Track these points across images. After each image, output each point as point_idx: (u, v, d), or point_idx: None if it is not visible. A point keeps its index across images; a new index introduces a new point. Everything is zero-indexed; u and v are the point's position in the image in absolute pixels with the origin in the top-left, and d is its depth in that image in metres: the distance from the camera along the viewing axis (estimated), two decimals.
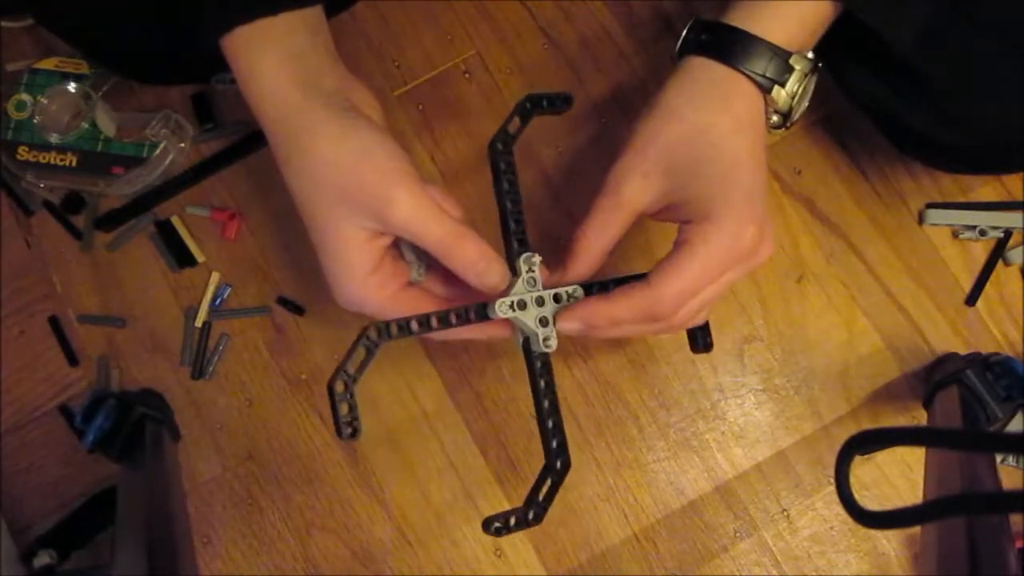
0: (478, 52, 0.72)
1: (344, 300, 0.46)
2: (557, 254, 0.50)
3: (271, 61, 0.45)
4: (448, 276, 0.50)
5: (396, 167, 0.44)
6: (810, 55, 0.48)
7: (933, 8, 0.49)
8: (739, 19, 0.47)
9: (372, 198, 0.43)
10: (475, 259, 0.46)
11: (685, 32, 0.48)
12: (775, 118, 0.49)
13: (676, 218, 0.47)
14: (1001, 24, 0.50)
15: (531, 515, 0.46)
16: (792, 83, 0.47)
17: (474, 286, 0.47)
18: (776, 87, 0.47)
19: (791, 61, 0.47)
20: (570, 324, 0.47)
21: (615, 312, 0.46)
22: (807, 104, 0.49)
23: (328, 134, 0.44)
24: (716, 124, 0.46)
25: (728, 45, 0.46)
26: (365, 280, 0.45)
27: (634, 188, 0.47)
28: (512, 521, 0.45)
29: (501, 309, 0.46)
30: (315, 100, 0.45)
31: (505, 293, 0.47)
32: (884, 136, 0.62)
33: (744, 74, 0.46)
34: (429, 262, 0.50)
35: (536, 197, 0.70)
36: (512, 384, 0.68)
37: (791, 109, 0.48)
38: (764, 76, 0.46)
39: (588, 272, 0.49)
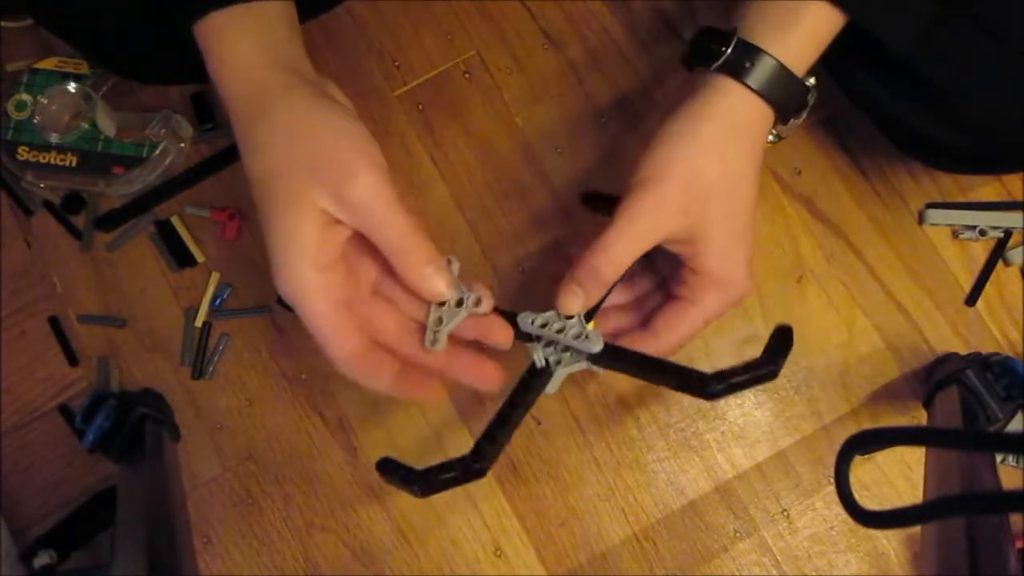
0: (478, 52, 0.72)
1: (285, 286, 0.43)
2: (557, 260, 0.50)
3: (248, 43, 0.44)
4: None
5: (369, 151, 0.43)
6: (812, 80, 0.49)
7: (933, 11, 0.49)
8: (770, 44, 0.45)
9: (339, 174, 0.42)
10: (427, 261, 0.44)
11: (729, 51, 0.46)
12: (771, 138, 0.50)
13: (682, 255, 0.47)
14: (1000, 25, 0.50)
15: (418, 490, 0.45)
16: (803, 112, 0.48)
17: (415, 288, 0.44)
18: (792, 119, 0.48)
19: (808, 96, 0.48)
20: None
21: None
22: None
23: (305, 108, 0.43)
24: (746, 169, 0.47)
25: (766, 77, 0.45)
26: (315, 273, 0.42)
27: (672, 221, 0.46)
28: (403, 480, 0.45)
29: (555, 386, 0.49)
30: (293, 80, 0.44)
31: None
32: (884, 136, 0.62)
33: (778, 111, 0.47)
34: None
35: (536, 197, 0.70)
36: (512, 385, 0.68)
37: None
38: (789, 110, 0.47)
39: (600, 295, 0.48)
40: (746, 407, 0.67)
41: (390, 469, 0.46)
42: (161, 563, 0.47)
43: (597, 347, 0.46)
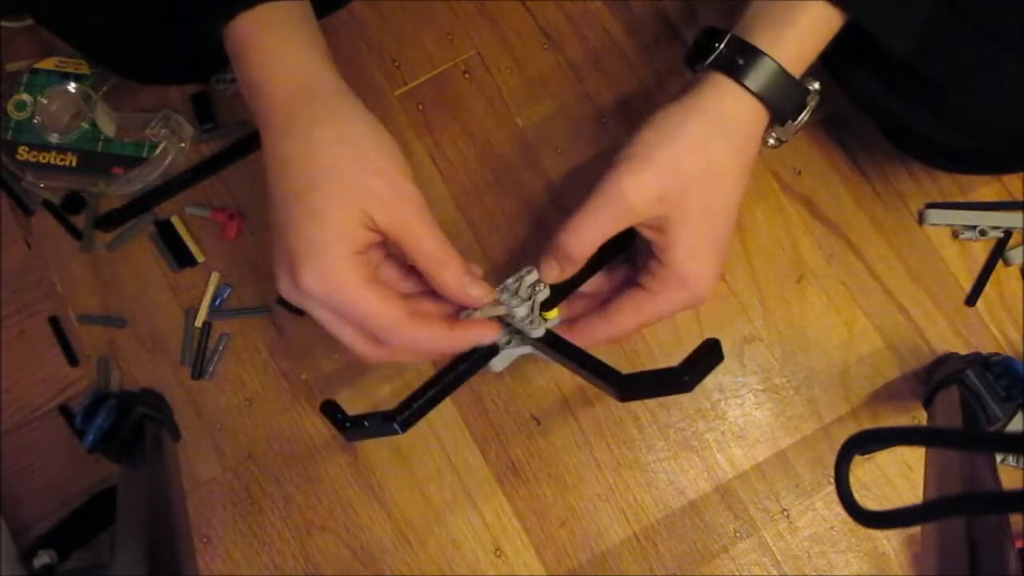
0: (478, 52, 0.72)
1: (318, 279, 0.43)
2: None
3: (298, 39, 0.46)
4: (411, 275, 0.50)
5: (407, 168, 0.46)
6: (817, 85, 0.48)
7: (931, 10, 0.49)
8: (766, 42, 0.45)
9: (387, 189, 0.44)
10: (462, 272, 0.46)
11: (722, 47, 0.46)
12: (772, 141, 0.50)
13: (652, 241, 0.48)
14: (1000, 25, 0.50)
15: (345, 435, 0.49)
16: (803, 115, 0.48)
17: (454, 298, 0.47)
18: (789, 121, 0.48)
19: (807, 98, 0.47)
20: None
21: (579, 342, 0.50)
22: None
23: (357, 117, 0.45)
24: (731, 166, 0.46)
25: (759, 74, 0.45)
26: (350, 258, 0.44)
27: (645, 204, 0.46)
28: (336, 423, 0.49)
29: (503, 363, 0.51)
30: (340, 84, 0.46)
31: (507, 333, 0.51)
32: (884, 136, 0.62)
33: (769, 108, 0.46)
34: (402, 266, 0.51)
35: (536, 198, 0.70)
36: (512, 384, 0.68)
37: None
38: (785, 112, 0.47)
39: (573, 272, 0.50)
40: (746, 407, 0.67)
41: (330, 411, 0.50)
42: (161, 563, 0.47)
43: (537, 333, 0.49)
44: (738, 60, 0.46)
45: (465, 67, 0.72)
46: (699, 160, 0.46)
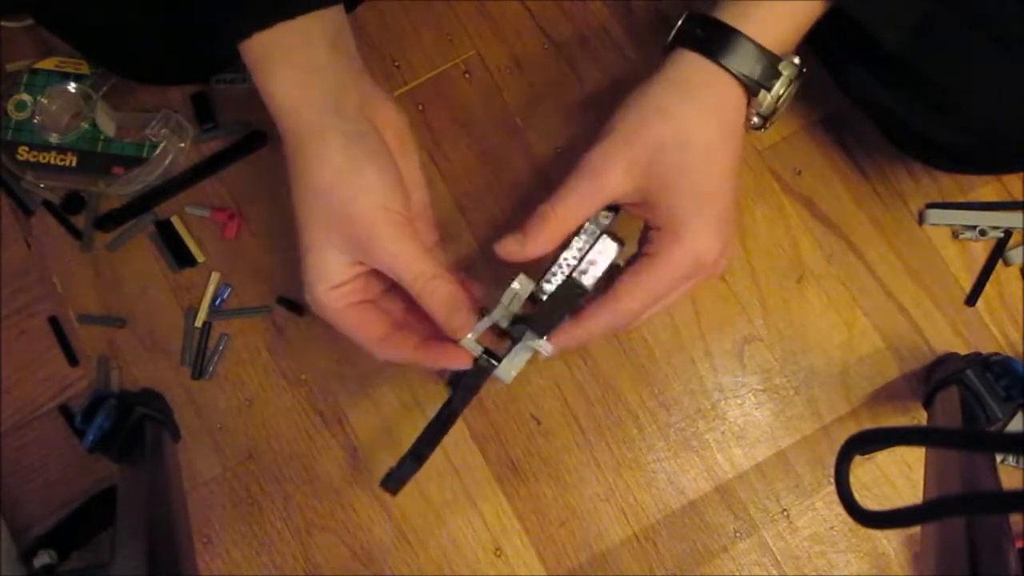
0: (478, 52, 0.72)
1: (312, 302, 0.48)
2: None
3: (289, 78, 0.46)
4: (409, 302, 0.51)
5: (388, 207, 0.46)
6: (796, 60, 0.48)
7: (927, 6, 0.49)
8: (732, 17, 0.46)
9: (359, 235, 0.46)
10: (445, 301, 0.47)
11: (680, 24, 0.48)
12: (755, 119, 0.49)
13: (645, 218, 0.48)
14: (999, 22, 0.50)
15: (391, 487, 0.50)
16: (778, 87, 0.47)
17: (439, 327, 0.48)
18: (763, 91, 0.47)
19: (780, 67, 0.47)
20: (548, 352, 0.49)
21: (586, 333, 0.49)
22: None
23: (332, 165, 0.45)
24: (704, 129, 0.46)
25: (720, 43, 0.46)
26: (328, 291, 0.47)
27: (616, 178, 0.46)
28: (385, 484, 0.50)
29: (509, 375, 0.51)
30: (329, 126, 0.46)
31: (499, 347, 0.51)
32: (884, 136, 0.62)
33: (733, 75, 0.46)
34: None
35: (535, 197, 0.70)
36: (512, 384, 0.67)
37: (773, 111, 0.48)
38: (752, 79, 0.46)
39: (548, 250, 0.49)
40: (746, 407, 0.67)
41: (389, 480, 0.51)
42: (161, 563, 0.47)
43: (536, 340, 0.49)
44: (696, 31, 0.47)
45: (465, 67, 0.72)
46: (665, 126, 0.46)
